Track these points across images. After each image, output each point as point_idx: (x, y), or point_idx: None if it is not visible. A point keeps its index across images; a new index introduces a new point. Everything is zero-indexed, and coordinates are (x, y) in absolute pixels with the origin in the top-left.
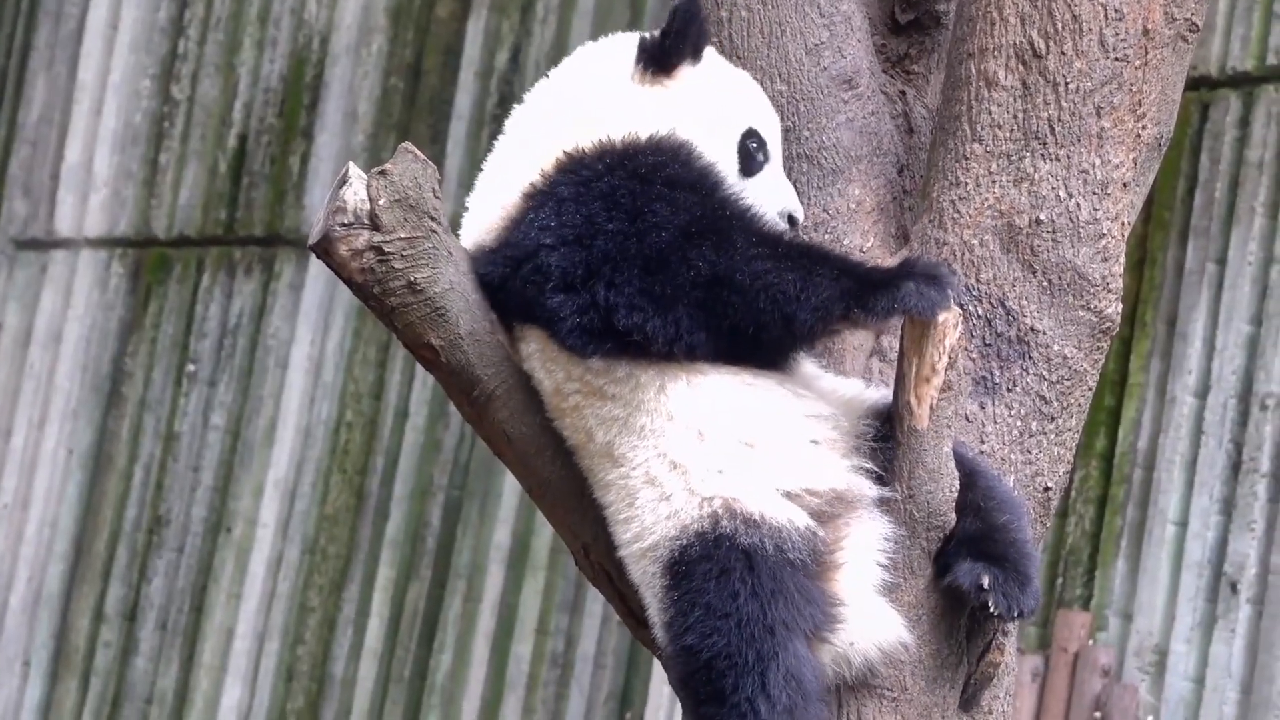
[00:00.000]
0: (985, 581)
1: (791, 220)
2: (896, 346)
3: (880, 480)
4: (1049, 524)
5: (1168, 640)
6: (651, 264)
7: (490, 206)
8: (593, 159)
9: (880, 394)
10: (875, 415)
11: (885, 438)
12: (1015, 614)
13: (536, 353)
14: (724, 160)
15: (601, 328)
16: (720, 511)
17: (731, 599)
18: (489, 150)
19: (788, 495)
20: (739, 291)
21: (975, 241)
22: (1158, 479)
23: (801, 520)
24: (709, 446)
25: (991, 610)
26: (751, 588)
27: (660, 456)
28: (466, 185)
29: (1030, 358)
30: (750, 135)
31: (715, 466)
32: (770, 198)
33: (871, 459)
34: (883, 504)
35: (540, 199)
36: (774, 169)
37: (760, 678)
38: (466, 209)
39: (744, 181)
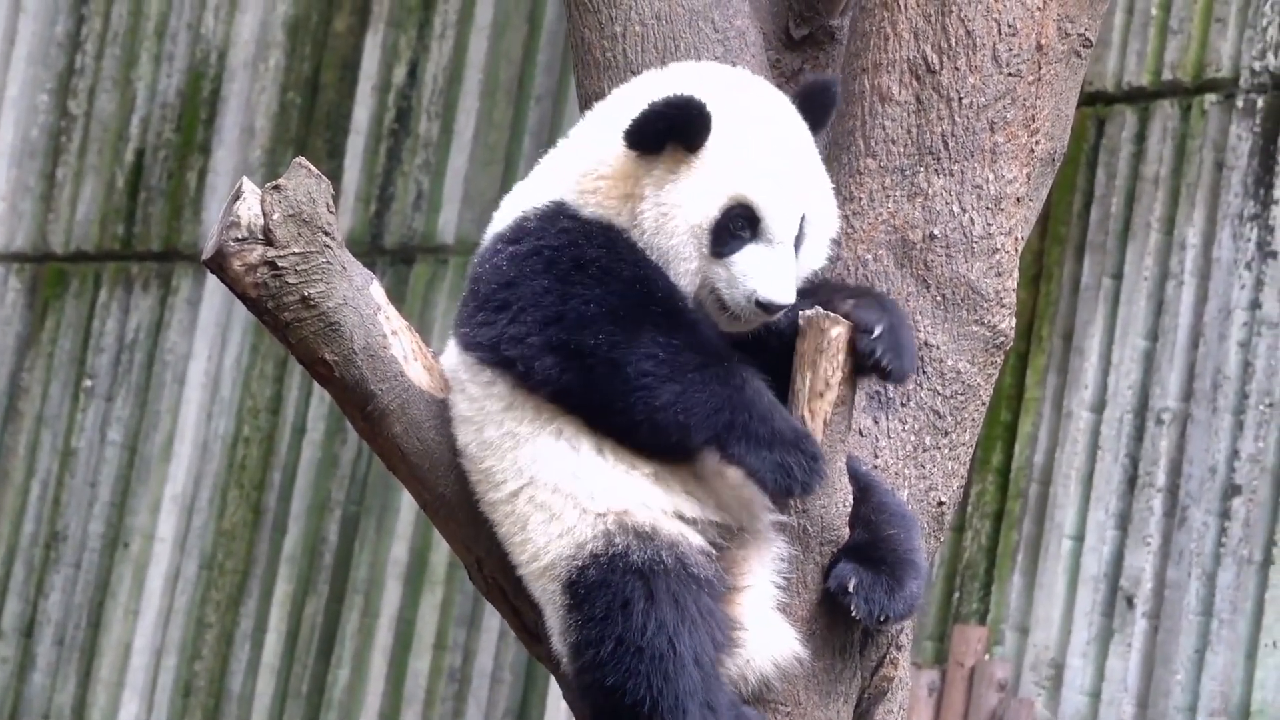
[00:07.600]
0: (850, 584)
1: (763, 306)
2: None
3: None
4: (943, 538)
5: (1064, 654)
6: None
7: (500, 217)
8: (549, 216)
9: None
10: None
11: None
12: (878, 619)
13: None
14: (693, 238)
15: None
16: (613, 528)
17: (640, 633)
18: (387, 165)
19: (679, 516)
20: (621, 380)
21: (869, 256)
22: (1054, 494)
23: (695, 539)
24: (594, 470)
25: (852, 614)
26: (658, 620)
27: (542, 483)
28: (364, 199)
29: (924, 372)
30: (733, 211)
31: (599, 486)
32: (741, 280)
33: None
34: (779, 525)
35: (508, 239)
36: (761, 249)
37: (684, 716)
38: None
39: (711, 262)
